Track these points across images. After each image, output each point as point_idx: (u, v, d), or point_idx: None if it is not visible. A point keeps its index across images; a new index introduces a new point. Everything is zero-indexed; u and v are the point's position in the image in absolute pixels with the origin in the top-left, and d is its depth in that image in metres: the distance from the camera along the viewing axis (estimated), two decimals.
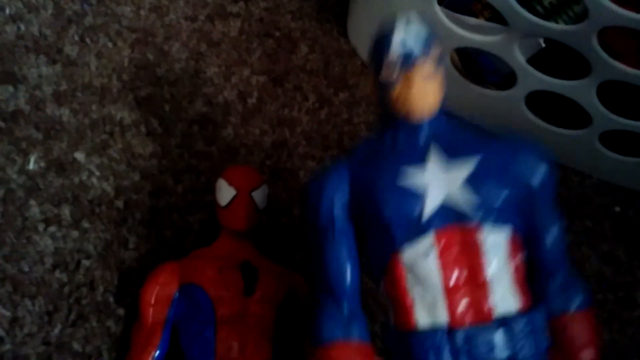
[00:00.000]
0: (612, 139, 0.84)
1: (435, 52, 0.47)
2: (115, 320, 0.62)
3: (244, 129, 0.76)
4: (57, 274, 0.62)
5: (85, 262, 0.64)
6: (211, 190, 0.65)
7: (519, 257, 0.45)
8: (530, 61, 0.76)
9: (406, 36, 0.46)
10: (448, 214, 0.43)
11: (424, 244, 0.43)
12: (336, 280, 0.46)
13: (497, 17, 0.73)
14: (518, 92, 0.81)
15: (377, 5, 0.82)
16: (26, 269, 0.62)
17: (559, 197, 0.84)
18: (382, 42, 0.47)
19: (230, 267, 0.60)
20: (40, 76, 0.70)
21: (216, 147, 0.74)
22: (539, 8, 0.72)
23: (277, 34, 0.84)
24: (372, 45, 0.51)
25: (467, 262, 0.43)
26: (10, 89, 0.68)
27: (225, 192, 0.63)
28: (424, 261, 0.42)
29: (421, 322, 0.43)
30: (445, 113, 0.49)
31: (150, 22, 0.78)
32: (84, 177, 0.67)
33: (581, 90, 0.77)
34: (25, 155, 0.66)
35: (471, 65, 0.84)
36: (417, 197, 0.43)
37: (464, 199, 0.43)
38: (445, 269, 0.42)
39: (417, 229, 0.43)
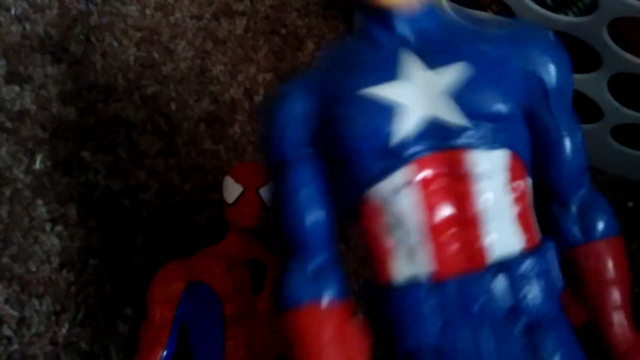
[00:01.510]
0: (625, 134, 0.83)
1: None
2: (122, 320, 0.62)
3: (250, 126, 0.75)
4: (64, 273, 0.62)
5: (93, 261, 0.63)
6: (218, 188, 0.64)
7: (523, 184, 0.35)
8: None
9: None
10: (428, 136, 0.33)
11: (399, 175, 0.33)
12: (299, 230, 0.37)
13: (505, 10, 0.73)
14: None
15: None
16: (33, 268, 0.61)
17: None
18: None
19: (238, 264, 0.60)
20: (46, 76, 0.70)
21: (223, 145, 0.74)
22: (548, 0, 0.71)
23: (283, 31, 0.84)
24: None
25: (455, 196, 0.34)
26: (17, 88, 0.68)
27: (232, 190, 0.63)
28: (400, 197, 0.33)
29: (400, 274, 0.34)
30: (432, 8, 0.37)
31: (156, 20, 0.78)
32: (91, 176, 0.66)
33: (592, 84, 0.76)
34: (32, 154, 0.66)
35: None
36: (387, 113, 0.33)
37: (449, 117, 0.33)
38: (428, 206, 0.33)
39: (390, 155, 0.33)
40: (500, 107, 0.34)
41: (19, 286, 0.60)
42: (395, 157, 0.33)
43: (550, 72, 0.36)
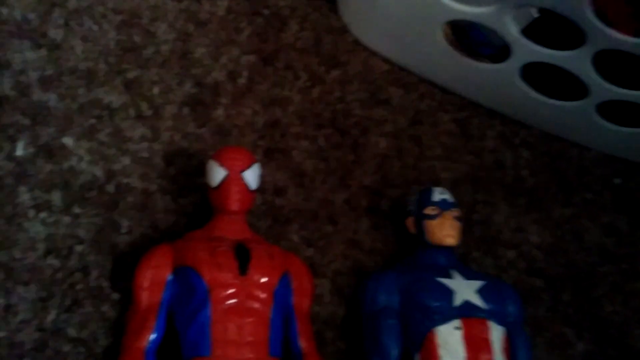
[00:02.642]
0: (610, 110, 0.83)
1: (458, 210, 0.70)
2: (110, 305, 0.62)
3: (235, 109, 0.75)
4: (50, 260, 0.61)
5: (78, 248, 0.63)
6: (203, 172, 0.64)
7: (507, 353, 0.63)
8: (524, 32, 0.75)
9: (443, 190, 0.70)
10: (468, 308, 0.62)
11: (453, 324, 0.61)
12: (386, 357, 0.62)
13: None
14: (513, 65, 0.79)
15: None
16: (18, 255, 0.61)
17: (558, 170, 0.84)
18: (426, 191, 0.70)
19: (223, 248, 0.60)
20: (24, 61, 0.69)
21: (207, 129, 0.73)
22: None
23: (266, 12, 0.83)
24: (418, 196, 0.70)
25: (480, 343, 0.61)
26: None
27: (215, 173, 0.62)
28: (453, 337, 0.61)
29: None
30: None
31: (136, 3, 0.77)
32: (74, 162, 0.66)
33: (577, 61, 0.76)
34: (13, 141, 0.65)
35: (464, 38, 0.82)
36: (449, 292, 0.63)
37: (477, 302, 0.63)
38: (468, 345, 0.60)
39: (449, 313, 0.62)
40: (501, 304, 0.65)
41: (4, 274, 0.60)
42: (451, 314, 0.62)
43: (516, 304, 0.66)
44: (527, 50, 0.76)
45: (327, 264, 0.69)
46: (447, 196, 0.67)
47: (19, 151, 0.64)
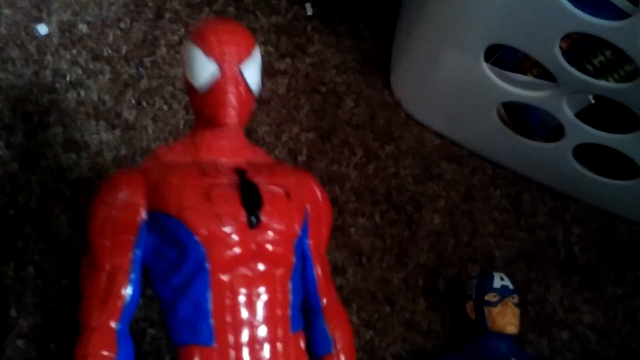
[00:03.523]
0: None
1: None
2: None
3: None
4: None
5: (151, 331, 0.65)
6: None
7: None
8: (579, 115, 0.77)
9: (503, 276, 0.69)
10: None
11: None
12: None
13: (545, 74, 0.74)
14: (566, 145, 0.81)
15: (420, 58, 0.83)
16: None
17: (609, 247, 0.84)
18: (487, 277, 0.69)
19: (223, 188, 0.41)
20: (101, 142, 0.73)
21: None
22: (588, 67, 0.72)
23: (323, 89, 0.86)
24: (477, 281, 0.71)
25: None
26: (74, 156, 0.71)
27: (202, 68, 0.43)
28: None
29: None
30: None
31: None
32: None
33: (630, 144, 0.77)
34: None
35: (519, 118, 0.84)
36: None
37: None
38: None
39: None
40: None
41: None
42: None
43: None
44: (581, 132, 0.77)
45: (386, 346, 0.71)
46: (507, 282, 0.68)
47: None
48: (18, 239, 0.64)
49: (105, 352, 0.42)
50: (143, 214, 0.42)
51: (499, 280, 0.68)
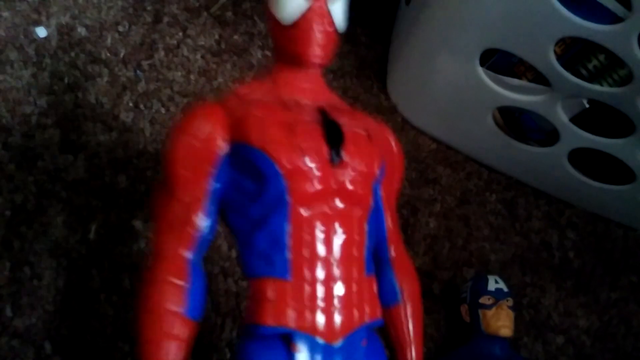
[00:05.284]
0: None
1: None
2: None
3: None
4: (121, 344, 0.63)
5: None
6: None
7: None
8: (574, 120, 0.77)
9: (498, 280, 0.69)
10: None
11: None
12: None
13: (540, 79, 0.75)
14: (561, 149, 0.81)
15: (416, 62, 0.84)
16: (90, 339, 0.63)
17: (604, 251, 0.85)
18: (481, 280, 0.69)
19: (306, 123, 0.41)
20: (98, 144, 0.73)
21: None
22: (583, 71, 0.73)
23: None
24: (472, 284, 0.71)
25: None
26: (70, 158, 0.71)
27: (289, 2, 0.42)
28: None
29: None
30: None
31: (200, 85, 0.81)
32: (142, 245, 0.69)
33: (625, 148, 0.78)
34: (86, 224, 0.68)
35: (514, 123, 0.85)
36: None
37: None
38: None
39: None
40: None
41: (77, 357, 0.62)
42: None
43: None
44: (576, 137, 0.78)
45: None
46: (502, 285, 0.69)
47: (92, 234, 0.67)
48: (14, 240, 0.65)
49: (176, 280, 0.42)
50: (223, 146, 0.42)
51: (494, 283, 0.69)
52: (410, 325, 0.49)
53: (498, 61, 0.78)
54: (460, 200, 0.84)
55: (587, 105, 0.78)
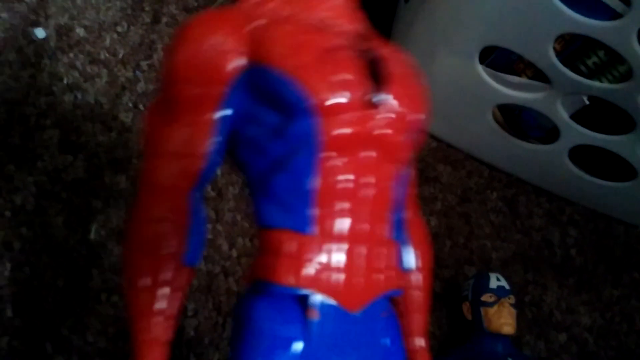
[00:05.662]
0: None
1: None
2: None
3: None
4: (121, 344, 0.63)
5: None
6: None
7: None
8: (574, 117, 0.77)
9: (499, 277, 0.69)
10: None
11: None
12: None
13: (540, 76, 0.75)
14: (561, 146, 0.81)
15: (418, 64, 0.83)
16: (90, 339, 0.63)
17: (606, 249, 0.84)
18: (483, 277, 0.69)
19: (345, 50, 0.33)
20: (97, 144, 0.73)
21: None
22: (582, 68, 0.73)
23: None
24: (474, 282, 0.71)
25: None
26: (70, 158, 0.71)
27: None
28: None
29: None
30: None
31: None
32: None
33: (626, 145, 0.77)
34: (86, 224, 0.68)
35: (514, 120, 0.85)
36: None
37: None
38: None
39: None
40: None
41: (77, 357, 0.62)
42: None
43: None
44: (576, 134, 0.78)
45: None
46: (503, 283, 0.68)
47: (92, 234, 0.67)
48: (14, 240, 0.64)
49: (173, 217, 0.35)
50: (241, 63, 0.32)
51: (495, 281, 0.68)
52: (418, 293, 0.44)
53: (497, 59, 0.78)
54: (461, 198, 0.84)
55: (587, 102, 0.78)
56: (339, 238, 0.35)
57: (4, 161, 0.68)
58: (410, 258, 0.44)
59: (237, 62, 0.33)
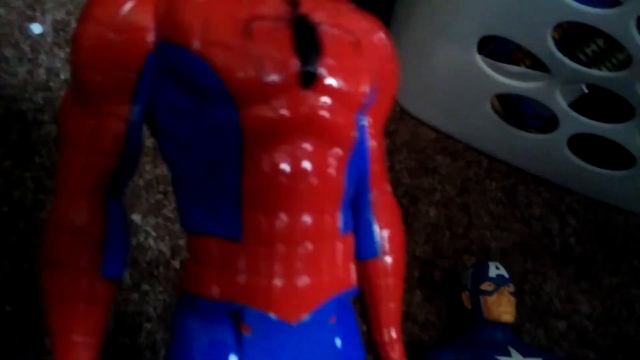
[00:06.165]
0: None
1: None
2: None
3: None
4: (120, 338, 0.63)
5: (147, 325, 0.65)
6: None
7: None
8: (573, 105, 0.77)
9: (499, 266, 0.69)
10: None
11: None
12: None
13: (538, 65, 0.74)
14: (560, 135, 0.81)
15: (414, 52, 0.83)
16: None
17: (605, 238, 0.85)
18: (482, 266, 0.69)
19: (267, 20, 0.29)
20: None
21: None
22: (581, 56, 0.73)
23: None
24: (473, 271, 0.71)
25: None
26: None
27: None
28: None
29: None
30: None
31: None
32: (142, 239, 0.69)
33: (625, 133, 0.77)
34: None
35: (513, 110, 0.84)
36: None
37: None
38: None
39: None
40: None
41: None
42: None
43: None
44: (575, 123, 0.78)
45: None
46: (503, 272, 0.68)
47: None
48: (12, 236, 0.64)
49: (85, 225, 0.32)
50: (151, 43, 0.29)
51: (495, 270, 0.68)
52: (388, 280, 0.41)
53: (496, 48, 0.77)
54: (461, 188, 0.84)
55: (586, 91, 0.77)
56: (273, 241, 0.30)
57: (1, 157, 0.68)
58: (374, 244, 0.39)
59: (145, 45, 0.29)
